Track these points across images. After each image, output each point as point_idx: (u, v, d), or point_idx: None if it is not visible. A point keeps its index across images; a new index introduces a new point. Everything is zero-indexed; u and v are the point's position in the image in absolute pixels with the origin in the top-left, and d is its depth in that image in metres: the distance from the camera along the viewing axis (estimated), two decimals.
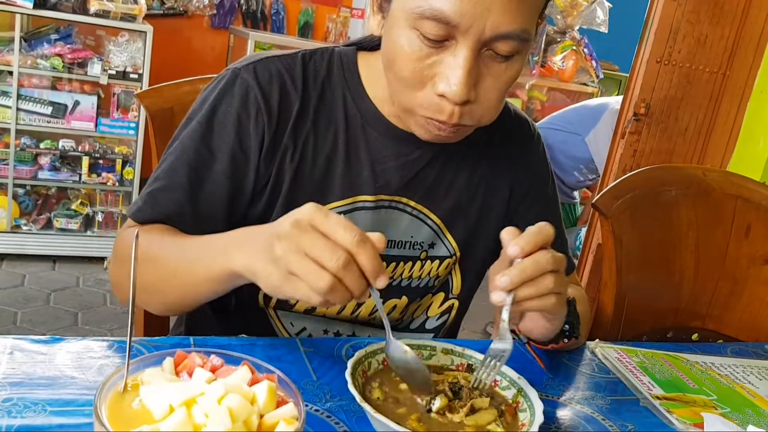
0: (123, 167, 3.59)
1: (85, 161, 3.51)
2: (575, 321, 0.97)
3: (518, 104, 4.42)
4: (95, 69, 3.38)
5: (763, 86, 2.71)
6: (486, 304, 0.84)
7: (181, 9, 4.19)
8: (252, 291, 1.04)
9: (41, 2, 3.21)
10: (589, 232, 2.97)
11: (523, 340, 1.00)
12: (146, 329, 1.23)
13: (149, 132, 1.27)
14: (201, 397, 0.55)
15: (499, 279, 0.80)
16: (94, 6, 3.28)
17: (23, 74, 3.32)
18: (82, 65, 3.41)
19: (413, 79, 0.89)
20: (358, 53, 1.06)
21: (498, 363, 0.83)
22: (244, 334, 0.97)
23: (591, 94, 4.45)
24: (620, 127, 2.82)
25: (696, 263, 1.48)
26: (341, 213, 1.02)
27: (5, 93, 3.31)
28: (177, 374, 0.61)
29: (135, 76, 3.41)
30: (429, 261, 1.09)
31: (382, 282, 0.73)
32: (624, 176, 1.42)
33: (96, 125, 3.48)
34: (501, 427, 0.76)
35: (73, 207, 3.59)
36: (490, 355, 0.83)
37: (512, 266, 0.80)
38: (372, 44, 1.05)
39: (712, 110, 2.80)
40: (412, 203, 1.06)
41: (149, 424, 0.53)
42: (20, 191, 3.52)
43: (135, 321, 1.21)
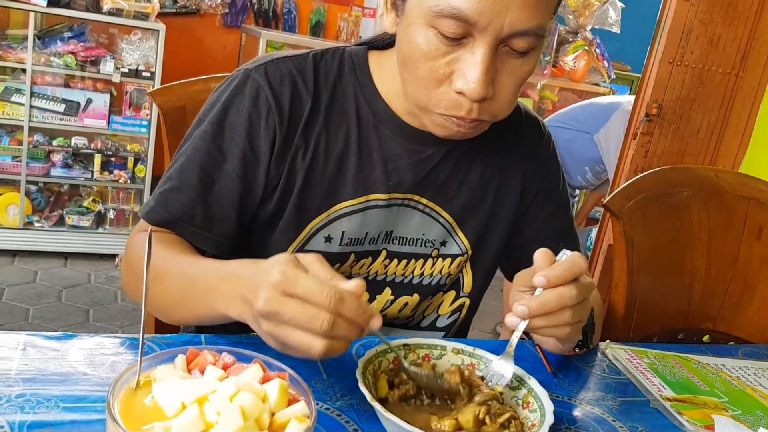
0: (135, 165, 3.61)
1: (98, 159, 3.53)
2: (590, 331, 0.96)
3: (529, 104, 4.41)
4: (108, 67, 3.39)
5: None
6: (496, 304, 0.84)
7: (194, 7, 4.20)
8: None
9: (55, 0, 3.23)
10: (600, 233, 2.96)
11: (534, 341, 1.00)
12: (158, 327, 1.24)
13: (161, 130, 1.28)
14: (213, 395, 0.55)
15: (518, 307, 0.81)
16: (108, 4, 3.30)
17: (37, 72, 3.35)
18: (95, 63, 3.43)
19: (430, 77, 0.89)
20: (369, 52, 1.06)
21: (500, 381, 0.84)
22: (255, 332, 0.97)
23: (602, 95, 4.43)
24: (632, 128, 2.80)
25: (708, 265, 1.47)
26: (354, 212, 1.02)
27: (19, 90, 3.33)
28: (189, 372, 0.61)
29: (147, 75, 3.43)
30: (441, 259, 1.09)
31: (376, 324, 0.73)
32: (636, 177, 1.42)
33: (108, 123, 3.50)
34: (514, 428, 0.76)
35: (85, 204, 3.61)
36: (491, 374, 0.84)
37: (534, 296, 0.81)
38: (383, 43, 1.06)
39: (725, 111, 2.79)
40: (424, 201, 1.06)
41: (161, 421, 0.54)
42: (33, 188, 3.54)
43: (147, 318, 1.21)
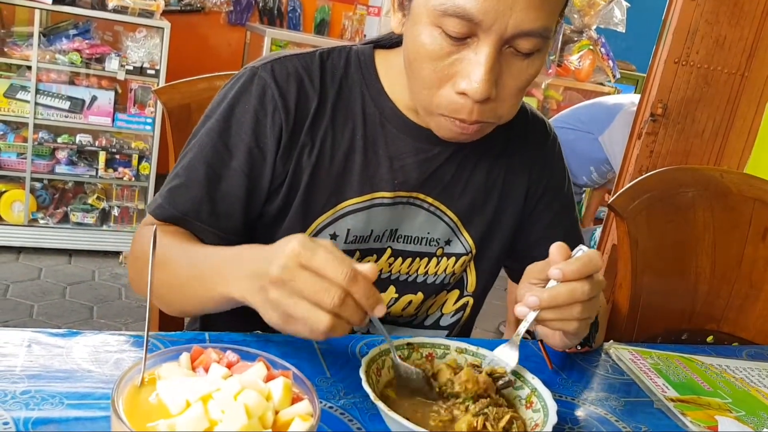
0: (139, 162, 3.61)
1: (102, 156, 3.54)
2: (593, 330, 0.97)
3: (534, 103, 4.40)
4: (113, 64, 3.40)
5: None
6: (499, 303, 0.85)
7: (199, 5, 4.21)
8: None
9: None
10: (604, 233, 2.96)
11: (537, 338, 1.00)
12: (161, 324, 1.24)
13: (166, 128, 1.28)
14: (217, 393, 0.55)
15: (529, 298, 0.81)
16: (113, 2, 3.30)
17: (42, 69, 3.35)
18: (100, 61, 3.44)
19: (434, 77, 0.89)
20: (376, 51, 1.06)
21: (505, 367, 0.84)
22: (259, 330, 0.97)
23: (607, 94, 4.42)
24: (637, 128, 2.80)
25: (712, 265, 1.47)
26: (359, 210, 1.02)
27: (24, 87, 3.34)
28: (193, 369, 0.61)
29: (152, 72, 3.43)
30: (445, 258, 1.09)
31: (380, 311, 0.73)
32: (640, 177, 1.41)
33: (113, 120, 3.51)
34: (516, 427, 0.76)
35: (90, 201, 3.62)
36: (495, 362, 0.85)
37: (546, 288, 0.82)
38: (390, 42, 1.06)
39: (730, 111, 2.78)
40: (430, 199, 1.06)
41: (166, 419, 0.54)
42: (37, 185, 3.55)
43: (151, 316, 1.22)
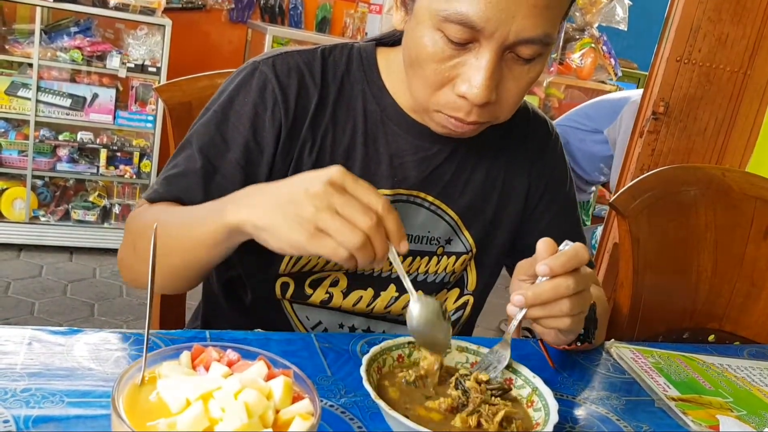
0: (140, 160, 3.61)
1: (103, 153, 3.54)
2: (592, 327, 0.97)
3: (535, 102, 4.40)
4: (114, 62, 3.40)
5: None
6: (500, 302, 0.85)
7: (200, 3, 4.20)
8: (268, 283, 1.04)
9: None
10: (606, 231, 2.96)
11: (537, 337, 1.00)
12: (162, 322, 1.24)
13: (167, 125, 1.28)
14: (218, 392, 0.55)
15: (515, 296, 0.82)
16: None
17: (43, 66, 3.35)
18: (101, 58, 3.43)
19: (434, 78, 0.89)
20: (378, 49, 1.06)
21: (498, 366, 0.85)
22: (260, 329, 0.97)
23: (609, 93, 4.42)
24: (639, 126, 2.79)
25: (714, 264, 1.46)
26: None
27: (25, 85, 3.34)
28: (194, 368, 0.61)
29: (153, 70, 3.42)
30: (445, 257, 1.09)
31: (405, 246, 0.77)
32: (642, 176, 1.41)
33: (114, 118, 3.50)
34: (515, 427, 0.76)
35: (91, 199, 3.62)
36: (489, 356, 0.86)
37: (531, 285, 0.82)
38: (392, 40, 1.06)
39: (732, 110, 2.77)
40: (430, 198, 1.06)
41: (166, 418, 0.53)
42: (39, 183, 3.55)
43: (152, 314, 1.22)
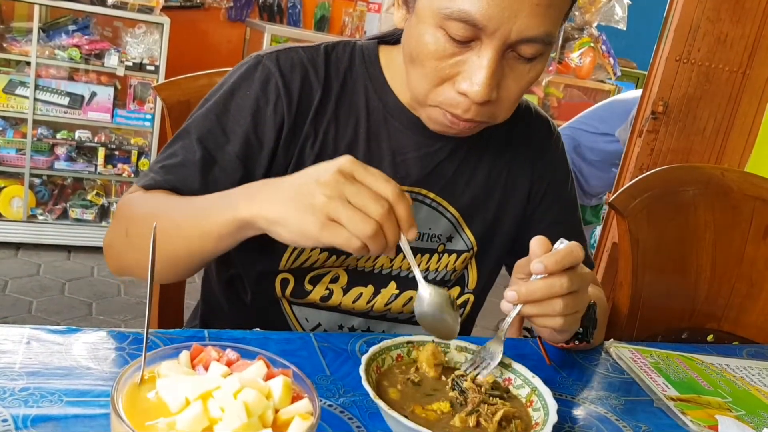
0: (138, 158, 3.61)
1: (101, 152, 3.54)
2: (590, 326, 0.96)
3: (534, 101, 4.40)
4: (112, 60, 3.40)
5: None
6: (499, 302, 0.84)
7: (198, 1, 4.19)
8: (268, 280, 1.04)
9: None
10: (605, 231, 2.96)
11: (536, 334, 1.00)
12: (161, 321, 1.24)
13: (165, 124, 1.28)
14: (217, 391, 0.55)
15: (508, 293, 0.82)
16: None
17: (41, 65, 3.35)
18: (100, 56, 3.43)
19: (435, 75, 0.89)
20: (380, 47, 1.07)
21: (491, 362, 0.85)
22: (259, 328, 0.97)
23: (608, 92, 4.42)
24: (638, 126, 2.80)
25: (713, 264, 1.46)
26: None
27: (23, 83, 3.34)
28: (193, 367, 0.61)
29: (152, 68, 3.42)
30: (446, 254, 1.09)
31: (413, 233, 0.77)
32: (641, 175, 1.41)
33: (112, 116, 3.50)
34: (514, 427, 0.76)
35: (89, 197, 3.62)
36: (482, 353, 0.86)
37: (526, 282, 0.82)
38: (395, 38, 1.06)
39: (731, 109, 2.78)
40: (432, 195, 1.06)
41: (165, 417, 0.53)
42: (36, 181, 3.55)
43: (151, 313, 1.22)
